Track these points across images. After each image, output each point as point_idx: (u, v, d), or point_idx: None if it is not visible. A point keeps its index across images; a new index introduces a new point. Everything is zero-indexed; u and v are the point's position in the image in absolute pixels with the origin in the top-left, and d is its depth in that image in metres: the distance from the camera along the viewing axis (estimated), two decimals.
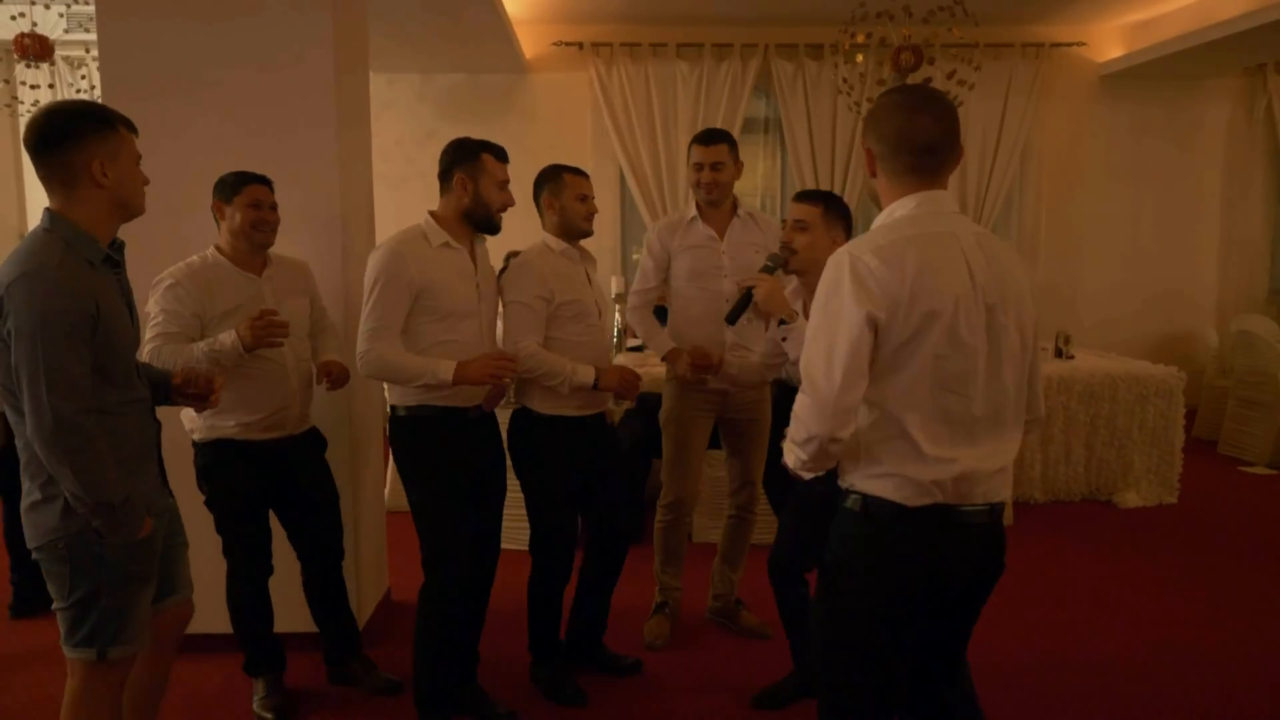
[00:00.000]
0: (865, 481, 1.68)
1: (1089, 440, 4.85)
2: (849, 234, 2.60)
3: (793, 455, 1.70)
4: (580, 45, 6.67)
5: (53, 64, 5.50)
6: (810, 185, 6.62)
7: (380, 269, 2.46)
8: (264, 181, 2.65)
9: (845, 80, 5.81)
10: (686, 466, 3.20)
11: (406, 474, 2.61)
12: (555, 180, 2.79)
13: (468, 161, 2.55)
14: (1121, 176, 7.09)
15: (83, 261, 1.82)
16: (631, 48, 6.67)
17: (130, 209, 1.95)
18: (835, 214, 2.60)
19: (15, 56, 5.32)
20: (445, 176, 2.58)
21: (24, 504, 1.91)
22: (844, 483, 1.73)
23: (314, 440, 2.86)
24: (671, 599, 3.34)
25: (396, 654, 3.12)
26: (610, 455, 2.91)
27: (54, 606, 1.94)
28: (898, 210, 1.68)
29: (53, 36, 5.41)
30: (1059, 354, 5.19)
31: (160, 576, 2.07)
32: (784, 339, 2.43)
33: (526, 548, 2.85)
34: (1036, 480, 4.83)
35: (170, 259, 2.71)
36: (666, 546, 3.29)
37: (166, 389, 2.14)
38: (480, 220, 2.59)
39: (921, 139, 1.64)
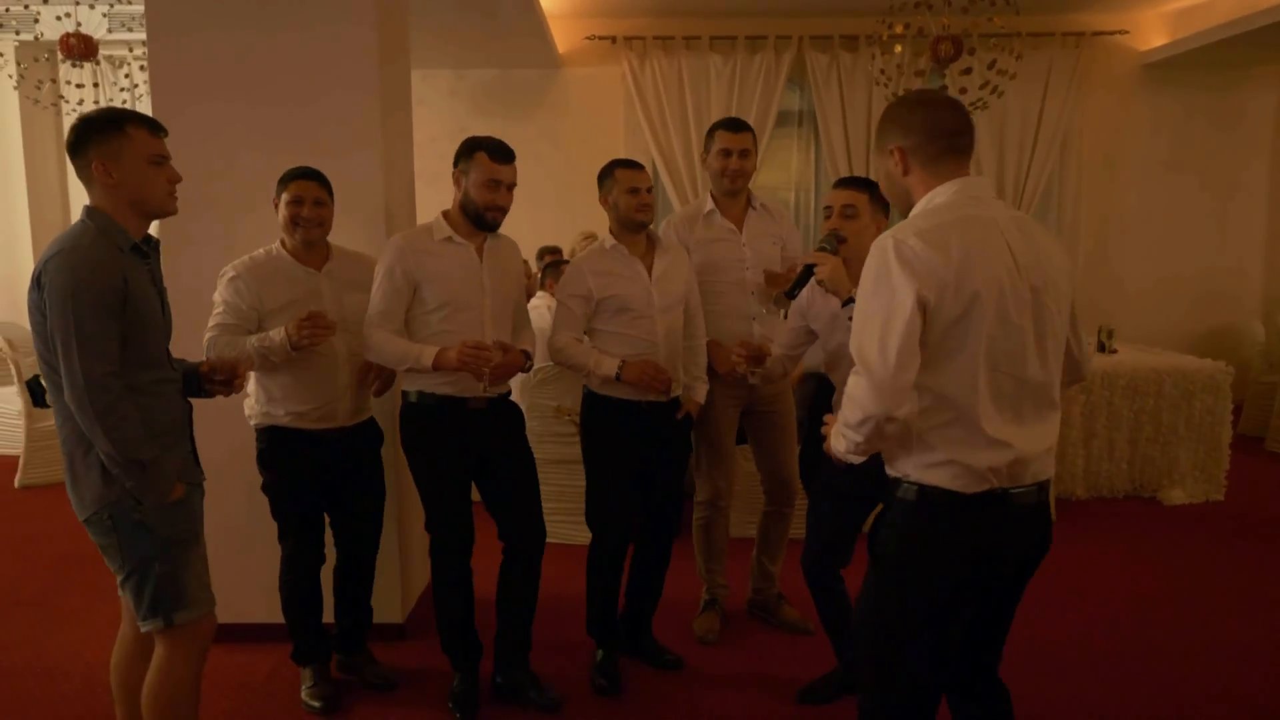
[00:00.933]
0: (921, 471, 1.68)
1: (1133, 436, 4.76)
2: (888, 222, 2.59)
3: (844, 440, 1.69)
4: (613, 39, 6.66)
5: (96, 63, 5.58)
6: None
7: (383, 261, 2.61)
8: (312, 177, 2.66)
9: (883, 72, 5.74)
10: (719, 461, 3.19)
11: (407, 453, 2.76)
12: (607, 177, 2.84)
13: (464, 158, 2.64)
14: (1164, 167, 6.96)
15: (113, 246, 1.97)
16: (665, 41, 6.65)
17: (146, 207, 2.04)
18: (879, 201, 2.59)
19: (61, 56, 5.41)
20: (454, 172, 2.67)
21: (67, 479, 2.03)
22: (895, 472, 1.74)
23: (367, 433, 2.87)
24: (720, 595, 3.34)
25: (436, 644, 3.12)
26: (671, 444, 2.92)
27: (118, 582, 2.05)
28: (936, 198, 1.71)
29: (96, 36, 5.49)
30: (1101, 348, 5.10)
31: None
32: (850, 318, 2.43)
33: (564, 540, 2.88)
34: (1079, 476, 4.76)
35: (219, 255, 2.76)
36: (707, 543, 3.29)
37: (197, 378, 2.23)
38: (472, 217, 2.65)
39: (949, 124, 1.72)
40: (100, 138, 1.98)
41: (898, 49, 5.50)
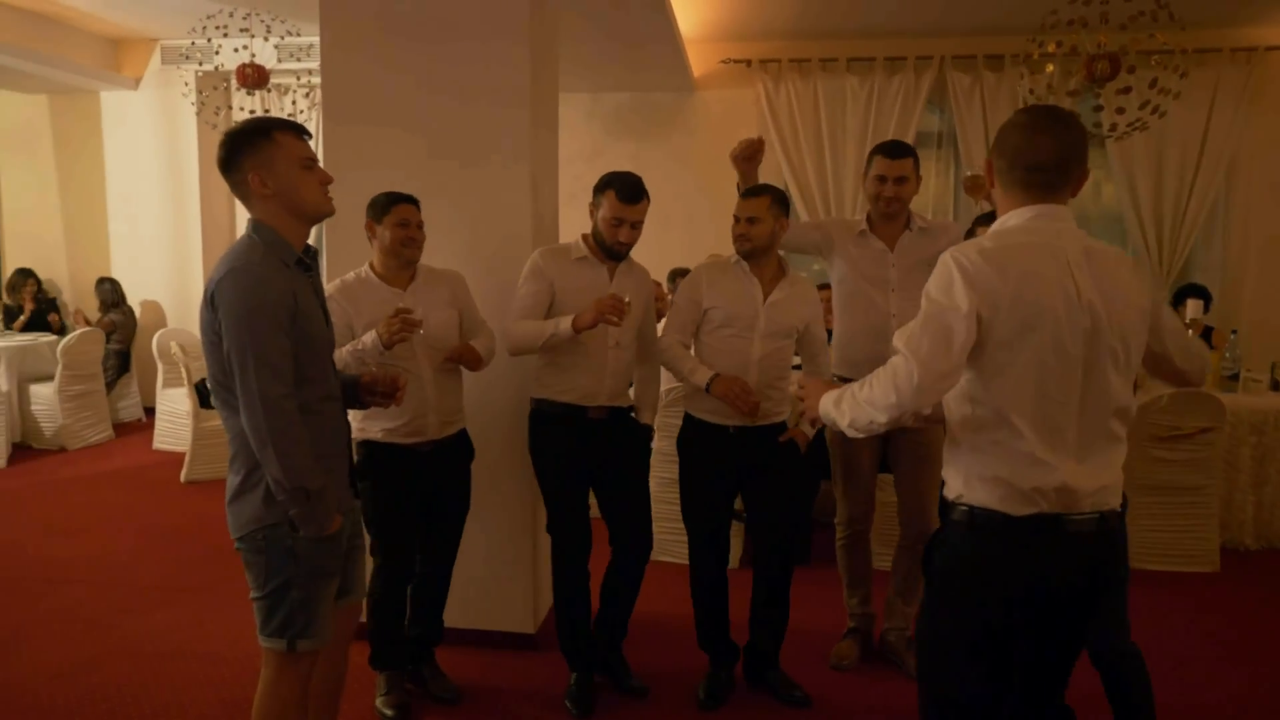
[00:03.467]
0: (971, 489, 1.71)
1: None
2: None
3: (865, 416, 1.73)
4: (748, 62, 6.67)
5: (267, 91, 6.01)
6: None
7: (526, 269, 2.83)
8: (412, 201, 2.78)
9: (1032, 91, 5.53)
10: (856, 484, 3.14)
11: (533, 457, 2.93)
12: (601, 191, 2.84)
13: (598, 193, 2.81)
14: None
15: (278, 262, 1.96)
16: (800, 64, 6.61)
17: (304, 210, 2.01)
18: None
19: (236, 85, 5.86)
20: (590, 204, 2.86)
21: (228, 495, 2.02)
22: (949, 494, 1.77)
23: (457, 448, 2.92)
24: (862, 624, 3.26)
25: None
26: (770, 471, 2.87)
27: (251, 596, 2.05)
28: (1010, 220, 1.75)
29: (267, 66, 5.92)
30: (1275, 386, 4.72)
31: (341, 575, 2.15)
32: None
33: (680, 560, 2.92)
34: (1248, 524, 4.40)
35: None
36: (848, 568, 3.23)
37: (356, 390, 2.26)
38: (601, 247, 2.83)
39: (1035, 158, 1.71)
40: (252, 148, 1.96)
41: (1048, 68, 5.28)
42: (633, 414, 3.00)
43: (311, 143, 2.07)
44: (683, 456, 2.95)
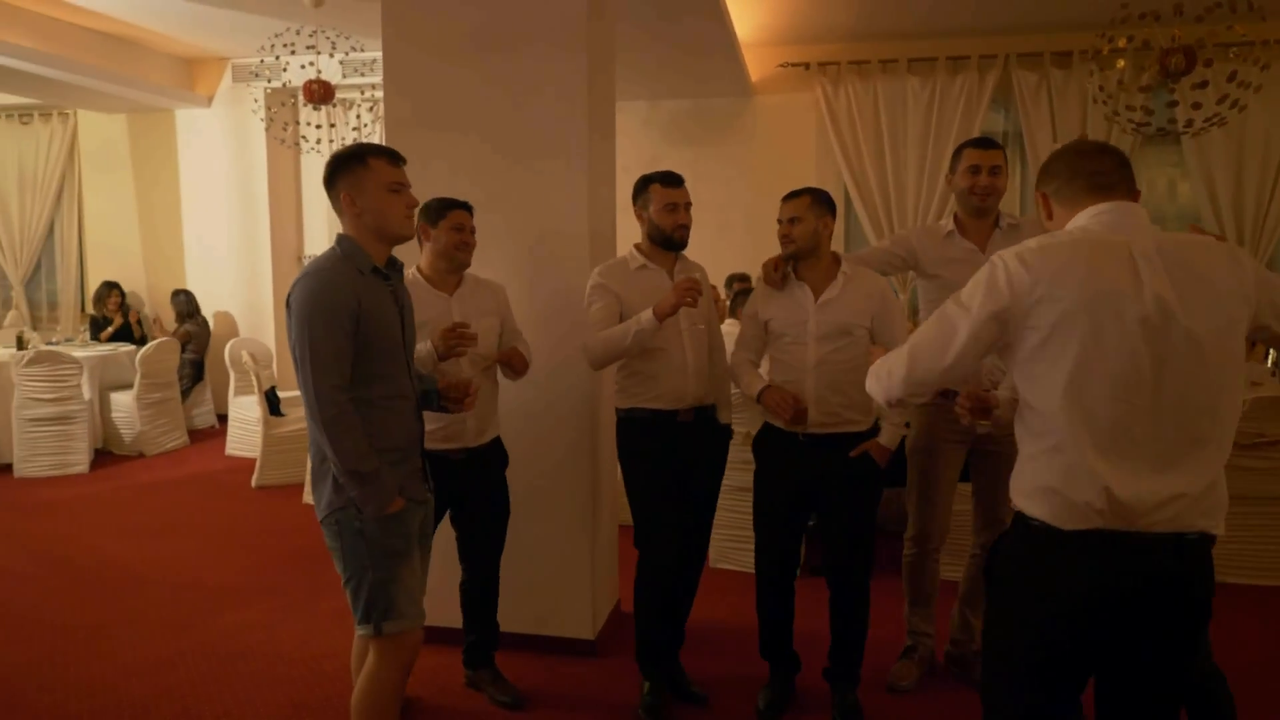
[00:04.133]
0: (1026, 499, 1.68)
1: None
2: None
3: (871, 390, 1.87)
4: (807, 66, 6.62)
5: (332, 106, 6.17)
6: None
7: (590, 287, 2.85)
8: (466, 207, 2.83)
9: (1101, 88, 5.36)
10: (933, 501, 3.01)
11: (622, 466, 2.93)
12: (642, 191, 2.89)
13: (639, 195, 2.86)
14: None
15: (353, 269, 2.14)
16: (860, 65, 6.54)
17: (385, 230, 2.19)
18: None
19: (303, 100, 6.02)
20: (634, 209, 2.90)
21: (310, 483, 2.22)
22: (1013, 503, 1.74)
23: (492, 455, 2.94)
24: (922, 644, 3.16)
25: (626, 661, 3.18)
26: (842, 481, 2.78)
27: (342, 584, 2.20)
28: (1078, 221, 1.70)
29: (333, 82, 6.08)
30: None
31: None
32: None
33: (744, 568, 2.90)
34: None
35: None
36: (913, 584, 3.13)
37: (435, 394, 2.37)
38: (660, 241, 2.85)
39: (1090, 166, 1.72)
40: (346, 170, 2.16)
41: (1119, 64, 5.12)
42: (714, 412, 2.99)
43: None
44: (758, 460, 2.93)
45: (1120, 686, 1.70)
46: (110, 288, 7.47)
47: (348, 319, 2.07)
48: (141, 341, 7.18)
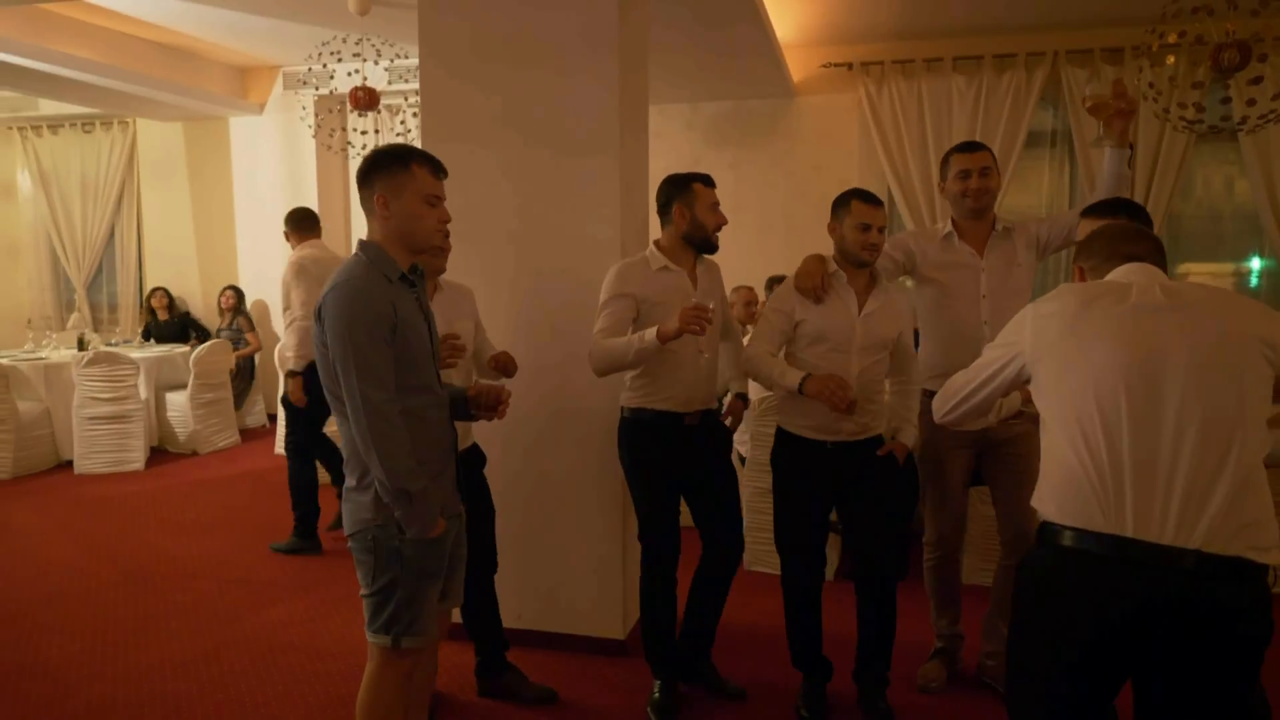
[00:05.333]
0: (1041, 503, 1.71)
1: None
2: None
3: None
4: (850, 66, 6.56)
5: (378, 112, 6.29)
6: None
7: (606, 287, 2.81)
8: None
9: (1151, 85, 5.22)
10: (944, 503, 3.00)
11: (624, 466, 2.95)
12: (842, 205, 2.79)
13: (679, 196, 2.83)
14: None
15: (381, 276, 2.05)
16: (904, 65, 6.46)
17: (414, 241, 2.11)
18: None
19: (350, 107, 6.15)
20: (665, 209, 2.86)
21: (345, 492, 2.15)
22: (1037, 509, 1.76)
23: (471, 458, 2.91)
24: (950, 645, 3.14)
25: None
26: (867, 484, 2.78)
27: (361, 593, 2.16)
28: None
29: (379, 88, 6.20)
30: None
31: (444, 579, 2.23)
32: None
33: (774, 570, 2.88)
34: None
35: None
36: (936, 589, 3.10)
37: (464, 403, 2.32)
38: (699, 242, 2.85)
39: (1125, 248, 1.83)
40: (386, 171, 2.07)
41: (1169, 60, 4.98)
42: (718, 415, 3.01)
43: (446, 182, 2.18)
44: (777, 472, 2.87)
45: (1156, 706, 1.65)
46: (154, 291, 7.84)
47: (386, 328, 2.00)
48: (202, 336, 7.43)
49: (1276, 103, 4.56)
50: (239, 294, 7.66)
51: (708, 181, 2.86)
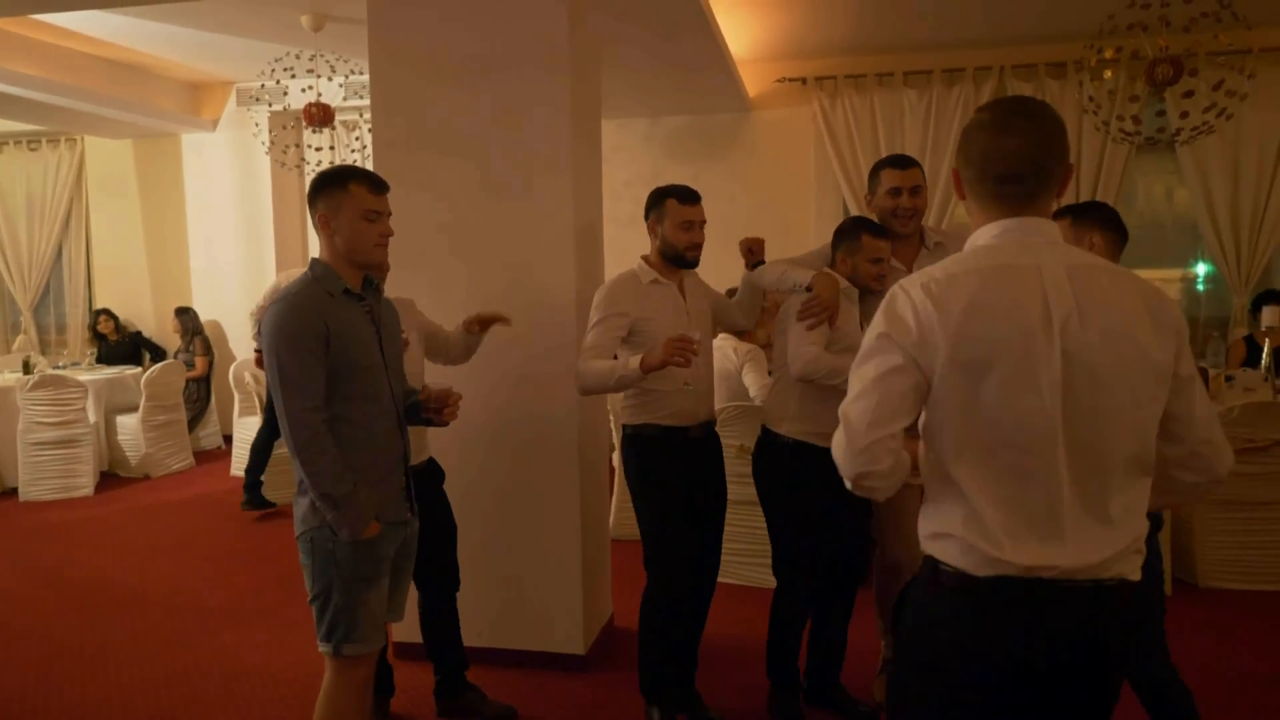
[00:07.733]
0: (930, 543, 1.51)
1: None
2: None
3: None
4: (804, 80, 6.66)
5: (333, 128, 6.24)
6: None
7: (599, 305, 2.75)
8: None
9: (1091, 99, 5.38)
10: (903, 531, 2.91)
11: (632, 487, 2.86)
12: (657, 205, 2.83)
13: (655, 208, 2.81)
14: None
15: (323, 292, 2.16)
16: (856, 79, 6.58)
17: (355, 256, 2.20)
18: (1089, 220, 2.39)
19: (304, 123, 6.10)
20: (647, 221, 2.85)
21: (295, 495, 2.22)
22: (921, 541, 1.55)
23: (430, 472, 2.91)
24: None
25: (618, 677, 3.19)
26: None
27: (308, 600, 2.22)
28: (980, 238, 1.51)
29: (334, 104, 6.16)
30: None
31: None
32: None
33: (746, 582, 2.86)
34: None
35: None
36: (890, 612, 3.10)
37: (417, 408, 2.38)
38: (673, 258, 2.80)
39: (1003, 167, 1.47)
40: (326, 192, 2.18)
41: (1107, 74, 5.13)
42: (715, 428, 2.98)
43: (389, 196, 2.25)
44: (779, 480, 2.82)
45: None
46: (98, 314, 7.67)
47: (315, 342, 2.09)
48: (156, 357, 7.30)
49: (1208, 115, 4.72)
50: (191, 314, 7.50)
51: (685, 196, 2.77)
